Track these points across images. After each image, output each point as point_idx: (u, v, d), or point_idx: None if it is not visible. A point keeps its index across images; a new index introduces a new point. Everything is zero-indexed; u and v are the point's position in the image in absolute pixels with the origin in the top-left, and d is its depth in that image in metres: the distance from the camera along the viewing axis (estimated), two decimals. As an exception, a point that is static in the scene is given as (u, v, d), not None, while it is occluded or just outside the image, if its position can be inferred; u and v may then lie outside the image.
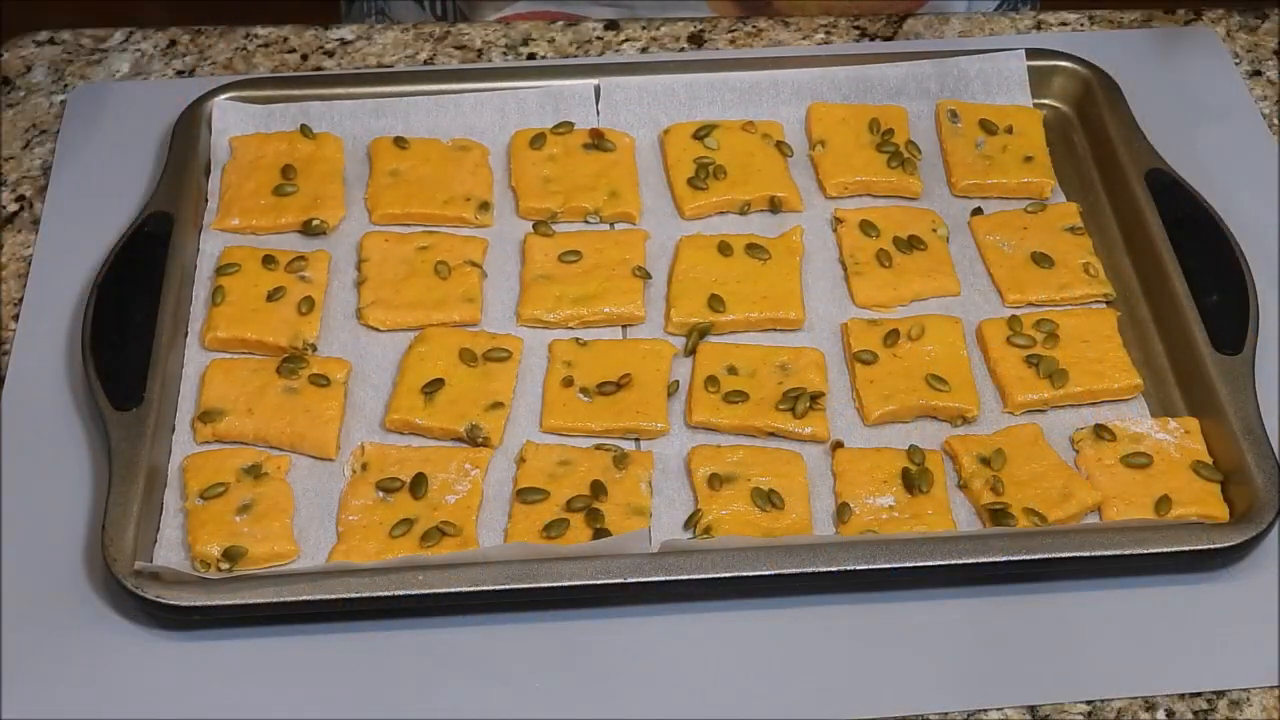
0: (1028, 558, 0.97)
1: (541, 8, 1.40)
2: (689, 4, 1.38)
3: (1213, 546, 0.98)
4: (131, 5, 1.18)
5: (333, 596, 0.94)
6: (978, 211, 1.19)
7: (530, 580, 0.95)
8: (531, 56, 1.33)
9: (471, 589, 0.95)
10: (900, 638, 0.97)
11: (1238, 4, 1.35)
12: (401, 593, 0.94)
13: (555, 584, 0.95)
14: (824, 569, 0.96)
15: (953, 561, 0.96)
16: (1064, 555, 0.97)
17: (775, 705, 0.94)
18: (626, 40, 1.33)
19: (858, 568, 0.96)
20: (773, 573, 0.95)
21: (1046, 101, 1.27)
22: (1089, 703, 0.95)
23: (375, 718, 0.93)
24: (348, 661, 0.95)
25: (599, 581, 0.95)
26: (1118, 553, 0.97)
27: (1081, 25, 1.35)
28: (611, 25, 1.35)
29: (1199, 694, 0.95)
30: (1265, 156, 1.25)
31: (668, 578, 0.96)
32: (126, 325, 1.07)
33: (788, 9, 1.37)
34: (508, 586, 0.95)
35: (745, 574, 0.95)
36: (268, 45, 1.33)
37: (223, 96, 1.23)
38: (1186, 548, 0.98)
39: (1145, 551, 0.98)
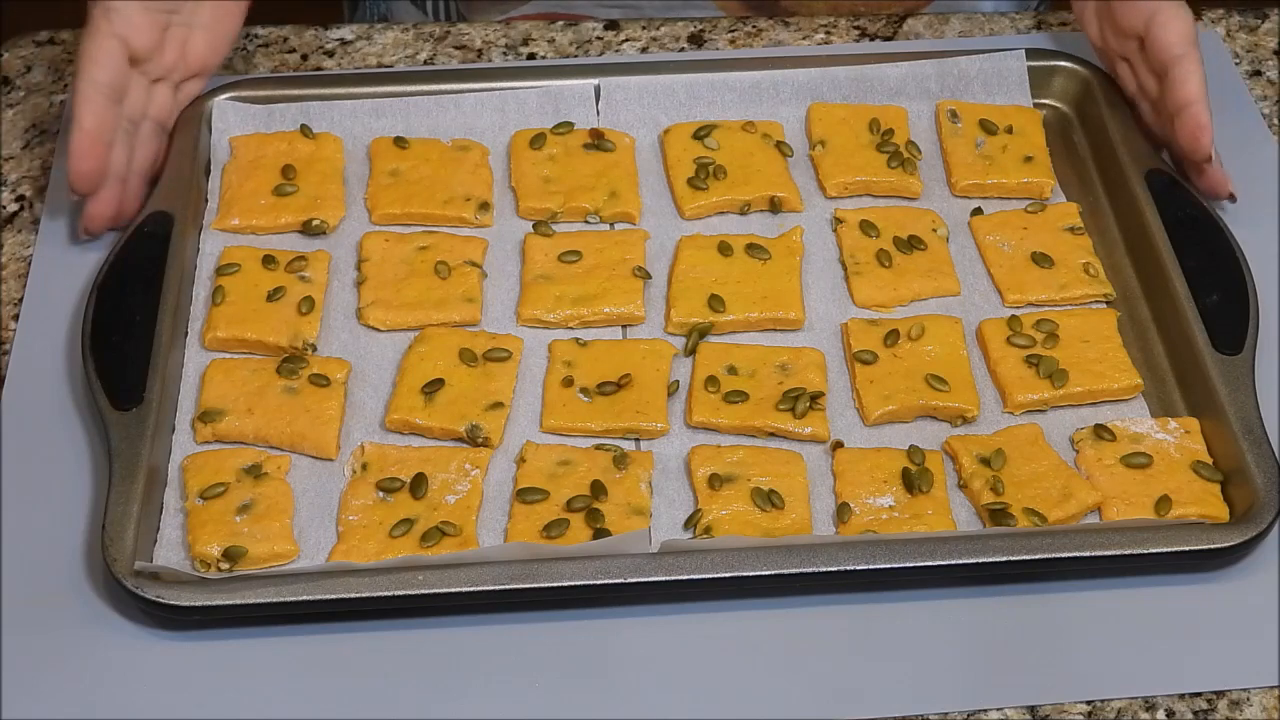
0: (1027, 558, 0.97)
1: (546, 9, 1.40)
2: (692, 4, 1.38)
3: (1213, 546, 0.98)
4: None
5: (332, 597, 0.94)
6: (978, 211, 1.19)
7: (530, 580, 0.95)
8: (531, 56, 1.33)
9: (471, 589, 0.95)
10: (900, 638, 0.97)
11: (1238, 4, 1.35)
12: (401, 593, 0.94)
13: (555, 584, 0.95)
14: (824, 569, 0.96)
15: (952, 562, 0.96)
16: (1064, 555, 0.97)
17: (775, 705, 0.94)
18: (626, 40, 1.33)
19: (857, 568, 0.96)
20: (772, 573, 0.95)
21: (1046, 101, 1.27)
22: (1089, 703, 0.94)
23: (374, 718, 0.93)
24: (347, 662, 0.95)
25: (599, 581, 0.95)
26: (1118, 553, 0.97)
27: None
28: (611, 25, 1.35)
29: (1199, 694, 0.95)
30: (1265, 156, 1.25)
31: (667, 578, 0.95)
32: (127, 325, 1.07)
33: (794, 7, 1.37)
34: (507, 586, 0.95)
35: (745, 574, 0.95)
36: (268, 45, 1.33)
37: (223, 96, 1.23)
38: (1186, 548, 0.98)
39: (1145, 551, 0.97)
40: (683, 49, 1.33)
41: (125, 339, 1.06)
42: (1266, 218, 1.19)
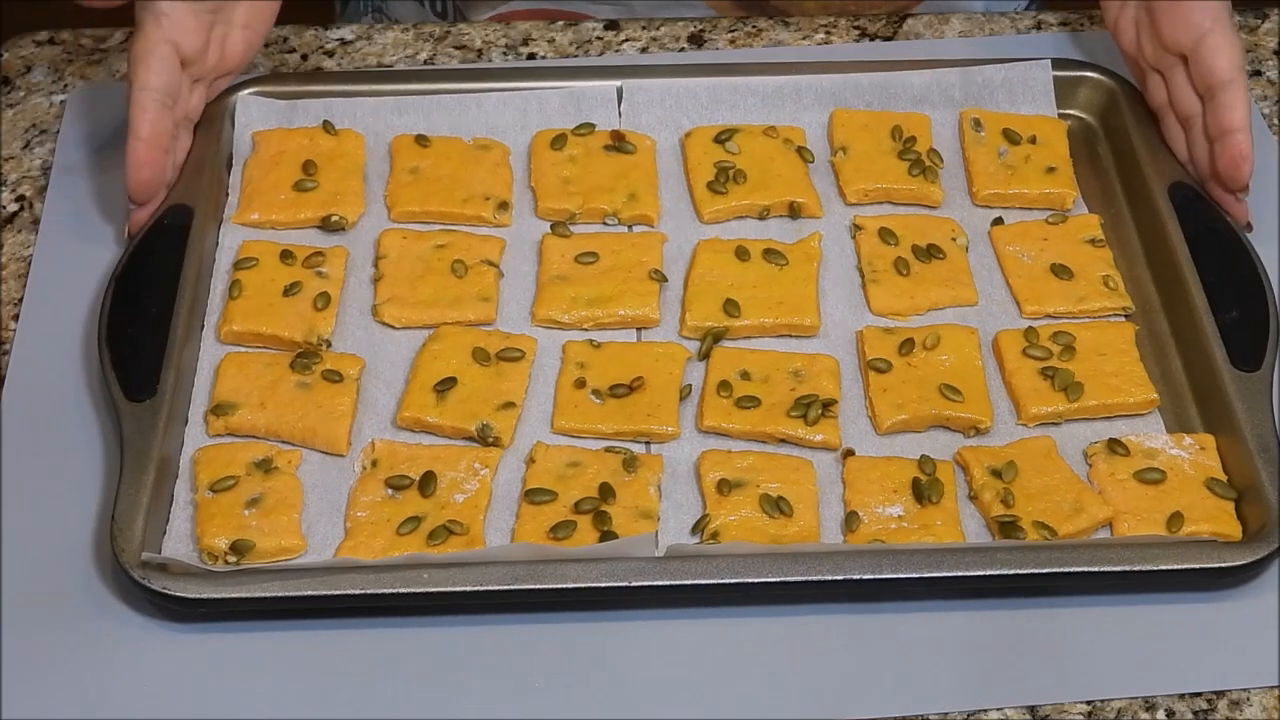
0: (1034, 572, 0.96)
1: (539, 5, 1.39)
2: (688, 3, 1.38)
3: (1224, 565, 0.97)
4: (132, 5, 1.18)
5: (338, 593, 0.94)
6: (998, 221, 1.19)
7: (536, 581, 0.95)
8: (531, 56, 1.32)
9: (476, 588, 0.94)
10: (902, 644, 0.96)
11: (1237, 4, 1.33)
12: (406, 590, 0.94)
13: (560, 586, 0.95)
14: (828, 578, 0.95)
15: (958, 574, 0.95)
16: (1071, 570, 0.96)
17: (776, 707, 0.94)
18: (626, 40, 1.33)
19: (863, 577, 0.95)
20: (777, 580, 0.95)
21: (1071, 112, 1.26)
22: (1089, 703, 0.94)
23: (378, 715, 0.93)
24: (353, 657, 0.95)
25: (604, 584, 0.95)
26: (1127, 569, 0.96)
27: (1081, 25, 1.34)
28: (611, 25, 1.34)
29: (1199, 694, 0.94)
30: (1265, 157, 1.23)
31: (673, 582, 0.95)
32: (143, 317, 1.07)
33: (786, 7, 1.36)
34: (513, 587, 0.95)
35: (749, 581, 0.95)
36: (268, 45, 1.33)
37: (246, 91, 1.23)
38: (1198, 565, 0.97)
39: (1155, 569, 0.96)
40: (683, 49, 1.32)
41: (140, 331, 1.06)
42: (1267, 218, 1.17)
